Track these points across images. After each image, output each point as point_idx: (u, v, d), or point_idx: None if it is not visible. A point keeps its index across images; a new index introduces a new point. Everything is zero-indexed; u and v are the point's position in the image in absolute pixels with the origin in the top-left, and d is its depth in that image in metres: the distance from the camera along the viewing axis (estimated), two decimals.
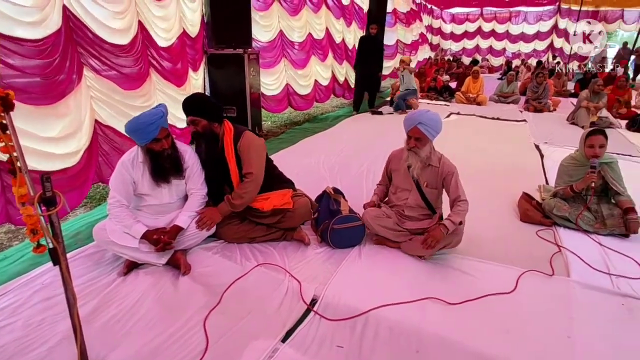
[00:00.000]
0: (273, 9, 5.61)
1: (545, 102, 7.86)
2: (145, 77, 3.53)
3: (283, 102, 6.08)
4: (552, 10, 16.86)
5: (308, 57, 6.55)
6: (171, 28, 3.87)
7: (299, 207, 2.46)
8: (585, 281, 2.21)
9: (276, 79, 5.81)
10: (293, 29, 6.08)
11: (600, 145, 2.76)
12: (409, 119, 2.35)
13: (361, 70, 6.91)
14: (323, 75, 7.23)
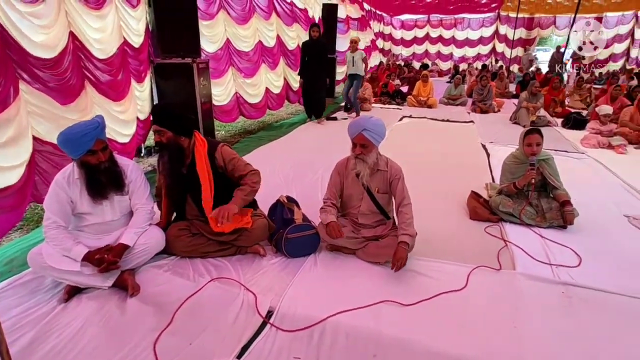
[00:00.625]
0: (219, 18, 5.51)
1: (490, 103, 8.29)
2: (79, 91, 3.32)
3: (233, 111, 5.98)
4: (492, 17, 17.92)
5: (257, 65, 6.49)
6: (110, 39, 3.69)
7: (257, 227, 2.42)
8: (529, 273, 2.33)
9: (224, 88, 5.70)
10: (241, 37, 6.00)
11: (537, 143, 2.93)
12: (353, 125, 2.33)
13: (306, 76, 6.50)
14: (274, 84, 7.21)
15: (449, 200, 3.42)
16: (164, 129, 2.22)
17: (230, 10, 5.70)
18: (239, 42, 6.01)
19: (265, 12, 6.54)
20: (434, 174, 4.16)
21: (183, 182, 2.35)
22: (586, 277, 2.31)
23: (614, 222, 3.10)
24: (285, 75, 7.61)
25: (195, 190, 2.34)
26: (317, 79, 6.53)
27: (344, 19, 9.72)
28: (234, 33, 5.90)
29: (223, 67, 5.69)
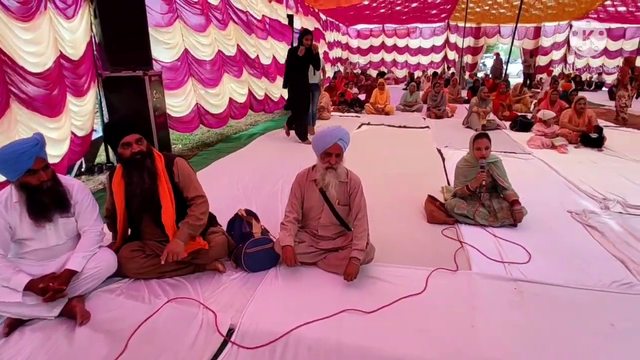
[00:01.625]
0: (176, 25, 5.39)
1: (444, 109, 8.64)
2: (3, 110, 3.06)
3: (193, 122, 5.85)
4: (443, 26, 18.73)
5: (220, 75, 6.38)
6: (45, 52, 3.49)
7: (215, 245, 2.35)
8: (484, 272, 2.42)
9: (184, 99, 5.58)
10: (200, 46, 5.89)
11: (485, 147, 3.07)
12: (327, 135, 2.30)
13: (293, 90, 5.75)
14: (239, 92, 7.13)
15: (407, 205, 3.50)
16: (142, 137, 2.16)
17: (186, 19, 5.57)
18: (198, 51, 5.87)
19: (220, 23, 6.47)
20: (392, 179, 4.26)
21: (143, 200, 2.24)
22: (535, 272, 2.43)
23: (558, 218, 3.29)
24: (249, 85, 7.54)
25: (155, 209, 2.25)
26: (306, 94, 5.81)
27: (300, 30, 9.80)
28: (193, 42, 5.76)
29: (182, 78, 5.54)
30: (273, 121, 7.97)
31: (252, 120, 8.20)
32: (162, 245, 2.30)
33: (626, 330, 1.94)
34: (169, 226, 2.23)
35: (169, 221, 2.23)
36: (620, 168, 4.75)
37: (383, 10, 16.05)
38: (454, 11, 16.43)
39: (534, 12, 15.56)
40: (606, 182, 4.19)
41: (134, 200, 2.21)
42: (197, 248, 2.27)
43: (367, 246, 2.29)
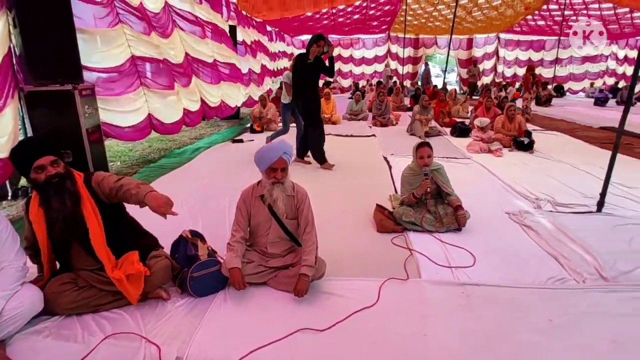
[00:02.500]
0: (117, 29, 5.02)
1: (388, 117, 8.91)
2: None
3: (144, 130, 5.48)
4: (384, 37, 19.46)
5: (172, 82, 6.03)
6: None
7: (157, 270, 2.19)
8: (433, 278, 2.48)
9: (133, 109, 5.20)
10: (150, 51, 5.53)
11: (427, 155, 3.18)
12: (271, 150, 2.25)
13: (304, 106, 4.97)
14: (192, 98, 6.84)
15: (357, 215, 3.52)
16: (58, 158, 1.98)
17: (131, 23, 5.20)
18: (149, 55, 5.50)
19: (162, 29, 6.13)
20: (341, 189, 4.28)
21: (66, 226, 2.03)
22: (480, 274, 2.53)
23: (498, 220, 3.48)
24: (201, 91, 7.26)
25: (82, 234, 2.05)
26: (318, 110, 5.12)
27: (242, 42, 9.70)
28: (142, 47, 5.39)
29: (129, 84, 5.17)
30: (219, 134, 7.76)
31: (197, 133, 7.93)
32: (96, 274, 2.11)
33: (562, 325, 2.06)
34: (100, 250, 2.05)
35: (99, 245, 2.05)
36: (549, 169, 5.14)
37: (326, 22, 16.37)
38: (394, 23, 17.15)
39: (465, 24, 16.65)
40: (537, 182, 4.51)
41: (56, 228, 2.01)
42: (135, 272, 2.09)
43: (316, 262, 2.25)
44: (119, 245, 2.14)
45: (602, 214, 3.63)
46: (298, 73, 4.89)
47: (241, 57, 9.64)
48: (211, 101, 7.62)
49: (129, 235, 2.28)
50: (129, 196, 2.05)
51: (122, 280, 2.02)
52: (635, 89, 12.71)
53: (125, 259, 2.11)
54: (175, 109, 6.21)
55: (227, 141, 6.93)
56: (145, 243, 2.33)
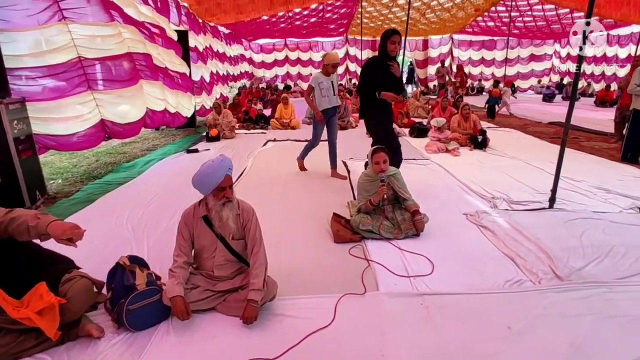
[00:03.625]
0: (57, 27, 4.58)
1: (348, 120, 8.88)
2: None
3: (96, 137, 5.08)
4: (342, 40, 19.58)
5: (133, 78, 5.63)
6: None
7: (75, 295, 1.94)
8: (391, 290, 2.38)
9: (78, 115, 4.79)
10: (103, 44, 5.11)
11: (383, 161, 3.11)
12: (217, 169, 2.05)
13: (379, 115, 4.03)
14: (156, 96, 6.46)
15: (313, 226, 3.39)
16: None
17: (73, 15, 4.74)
18: (100, 52, 5.04)
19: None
20: (298, 198, 4.14)
21: None
22: (439, 282, 2.47)
23: (455, 222, 3.46)
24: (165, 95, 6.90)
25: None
26: (390, 126, 4.26)
27: (194, 49, 9.37)
28: (88, 44, 4.90)
29: (74, 87, 4.74)
30: (174, 144, 7.40)
31: (149, 144, 7.54)
32: (3, 317, 1.84)
33: (521, 331, 2.02)
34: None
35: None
36: (504, 166, 5.25)
37: (283, 25, 16.24)
38: (351, 25, 17.29)
39: (420, 26, 17.04)
40: (493, 180, 4.58)
41: None
42: (47, 305, 1.80)
43: (265, 284, 2.09)
44: (22, 281, 1.88)
45: (554, 210, 3.70)
46: (368, 81, 3.91)
47: (193, 64, 9.32)
48: (172, 105, 7.28)
49: (35, 267, 2.00)
50: (23, 230, 1.80)
51: (31, 319, 1.77)
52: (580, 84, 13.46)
53: (32, 295, 1.85)
54: (135, 108, 5.80)
55: (181, 151, 6.62)
56: (57, 269, 2.07)
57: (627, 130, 5.81)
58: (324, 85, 4.67)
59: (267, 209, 3.65)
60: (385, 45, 3.78)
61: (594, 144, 7.02)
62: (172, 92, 7.39)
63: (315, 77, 4.75)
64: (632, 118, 5.67)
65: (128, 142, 7.52)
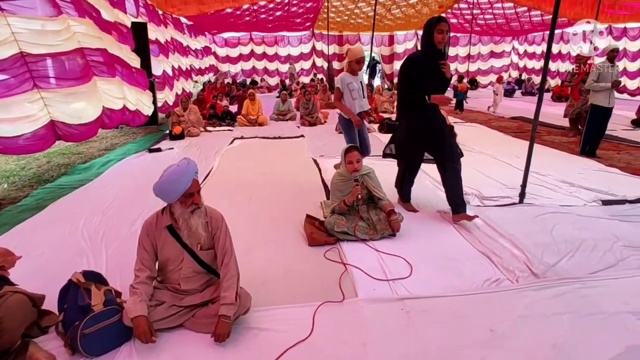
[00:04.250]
0: None
1: (316, 116, 8.76)
2: None
3: (46, 140, 4.64)
4: (308, 35, 19.35)
5: (85, 75, 5.19)
6: None
7: (7, 313, 1.70)
8: (370, 296, 2.29)
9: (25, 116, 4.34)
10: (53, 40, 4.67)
11: (357, 160, 3.01)
12: (182, 174, 1.87)
13: (423, 119, 3.31)
14: (113, 94, 6.00)
15: (286, 229, 3.25)
16: None
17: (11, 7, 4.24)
18: (45, 48, 4.58)
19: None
20: (269, 200, 3.97)
21: None
22: (418, 285, 2.40)
23: (431, 220, 3.43)
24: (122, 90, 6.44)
25: None
26: (439, 117, 3.41)
27: (155, 41, 8.90)
28: (37, 32, 4.46)
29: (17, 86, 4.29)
30: (134, 143, 7.00)
31: (108, 143, 7.10)
32: None
33: (504, 334, 1.98)
34: None
35: None
36: (473, 161, 5.28)
37: (248, 19, 15.83)
38: (317, 20, 17.11)
39: (386, 22, 17.13)
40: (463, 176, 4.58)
41: None
42: None
43: (238, 297, 1.94)
44: None
45: (524, 205, 3.75)
46: (409, 79, 3.25)
47: (154, 57, 8.86)
48: (131, 102, 6.85)
49: None
50: None
51: None
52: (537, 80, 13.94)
53: None
54: (90, 107, 5.36)
55: (142, 151, 6.26)
56: None
57: (585, 125, 6.03)
58: (353, 87, 4.13)
59: (236, 212, 3.48)
60: (430, 36, 3.08)
61: (554, 137, 7.27)
62: (131, 88, 6.97)
63: (342, 79, 4.16)
64: (590, 113, 5.90)
65: (84, 142, 7.03)
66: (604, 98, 5.72)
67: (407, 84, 3.29)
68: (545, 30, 16.99)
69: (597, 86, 5.69)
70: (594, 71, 5.77)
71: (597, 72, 5.70)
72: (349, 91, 4.14)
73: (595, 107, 5.82)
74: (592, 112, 5.87)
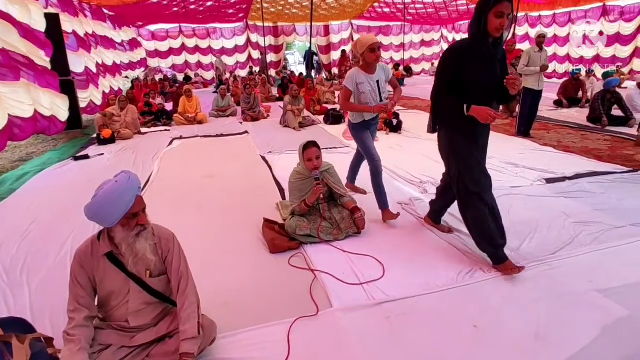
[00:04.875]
0: None
1: (259, 110, 8.41)
2: None
3: None
4: (242, 26, 18.66)
5: None
6: None
7: None
8: (346, 305, 2.12)
9: None
10: None
11: (316, 157, 2.81)
12: (124, 191, 1.53)
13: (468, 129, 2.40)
14: (21, 100, 5.20)
15: (243, 236, 2.98)
16: None
17: None
18: None
19: None
20: (219, 204, 3.66)
21: None
22: (394, 286, 2.28)
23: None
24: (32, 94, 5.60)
25: None
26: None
27: (72, 33, 7.96)
28: None
29: None
30: (56, 150, 6.18)
31: (22, 153, 6.21)
32: None
33: (486, 329, 1.91)
34: None
35: None
36: (422, 149, 5.33)
37: (177, 9, 14.86)
38: (251, 11, 16.53)
39: (321, 12, 16.97)
40: (416, 164, 4.60)
41: None
42: None
43: (201, 328, 1.67)
44: None
45: None
46: (446, 77, 2.39)
47: (73, 52, 7.94)
48: (45, 107, 6.03)
49: None
50: None
51: None
52: None
53: None
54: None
55: (67, 159, 5.53)
56: None
57: (519, 107, 6.36)
58: (364, 88, 3.07)
59: (184, 223, 3.13)
60: (485, 20, 2.17)
61: None
62: (45, 91, 6.14)
63: (352, 77, 3.10)
64: (522, 96, 6.22)
65: None
66: (534, 81, 6.06)
67: (442, 83, 2.41)
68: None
69: (528, 70, 6.00)
70: (524, 56, 6.08)
71: (527, 57, 6.01)
72: (358, 94, 3.10)
73: (526, 90, 6.14)
74: (524, 94, 6.19)
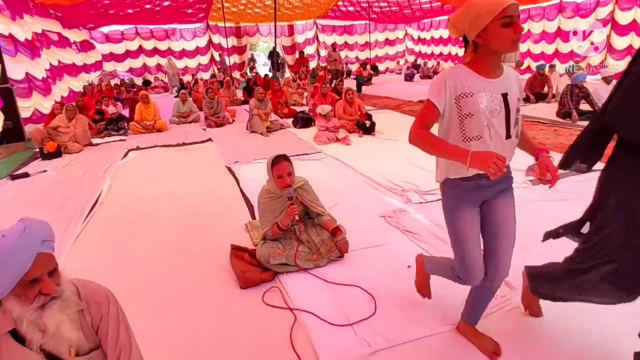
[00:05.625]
0: None
1: (223, 115, 7.91)
2: None
3: None
4: (203, 27, 17.93)
5: None
6: None
7: None
8: (335, 355, 1.75)
9: None
10: None
11: (288, 173, 2.43)
12: (13, 251, 1.08)
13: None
14: None
15: (207, 268, 2.53)
16: None
17: None
18: None
19: None
20: (179, 228, 3.18)
21: None
22: (390, 326, 1.92)
23: (376, 229, 2.99)
24: None
25: None
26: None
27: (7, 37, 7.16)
28: None
29: None
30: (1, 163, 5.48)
31: None
32: None
33: None
34: None
35: None
36: (399, 152, 5.02)
37: (131, 10, 14.00)
38: (211, 11, 15.88)
39: (285, 11, 16.54)
40: (395, 169, 4.30)
41: None
42: None
43: None
44: None
45: None
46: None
47: (10, 57, 7.15)
48: None
49: None
50: None
51: None
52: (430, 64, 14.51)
53: None
54: None
55: (3, 178, 4.86)
56: None
57: None
58: (478, 105, 1.46)
59: (137, 253, 2.68)
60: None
61: None
62: None
63: (448, 78, 1.48)
64: None
65: None
66: None
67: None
68: (435, 17, 18.00)
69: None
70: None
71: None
72: (461, 117, 1.50)
73: None
74: None
